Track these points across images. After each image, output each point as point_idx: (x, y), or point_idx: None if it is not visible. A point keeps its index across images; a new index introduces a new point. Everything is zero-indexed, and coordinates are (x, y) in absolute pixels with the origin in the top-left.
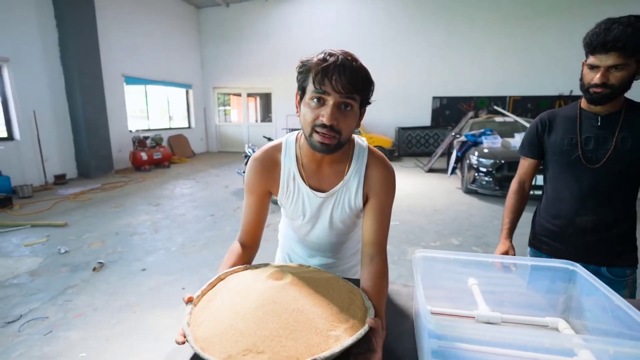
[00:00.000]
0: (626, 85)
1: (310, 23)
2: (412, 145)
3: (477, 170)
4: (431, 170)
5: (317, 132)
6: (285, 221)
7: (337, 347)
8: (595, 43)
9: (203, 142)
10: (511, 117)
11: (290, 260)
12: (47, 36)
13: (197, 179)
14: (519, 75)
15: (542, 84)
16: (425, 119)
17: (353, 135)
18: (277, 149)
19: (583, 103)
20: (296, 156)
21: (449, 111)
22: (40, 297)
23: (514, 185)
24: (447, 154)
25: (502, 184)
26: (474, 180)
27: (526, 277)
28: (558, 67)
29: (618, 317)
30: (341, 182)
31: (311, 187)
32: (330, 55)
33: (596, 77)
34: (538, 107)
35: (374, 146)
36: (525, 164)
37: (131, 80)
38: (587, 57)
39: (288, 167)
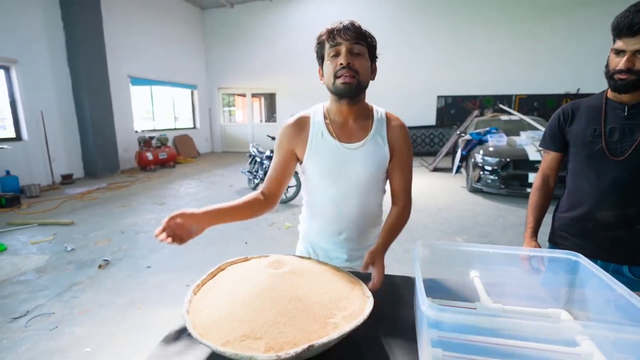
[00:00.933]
0: None
1: (315, 23)
2: (417, 144)
3: (482, 169)
4: (436, 170)
5: (339, 77)
6: (308, 203)
7: (334, 334)
8: (622, 25)
9: (208, 142)
10: (517, 116)
11: (313, 251)
12: (54, 38)
13: (202, 179)
14: (525, 73)
15: (548, 82)
16: (430, 118)
17: (373, 105)
18: (307, 114)
19: (610, 92)
20: (324, 115)
21: (454, 110)
22: (46, 293)
23: (537, 181)
24: (452, 153)
25: (507, 182)
26: (479, 179)
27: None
28: (565, 65)
29: (621, 307)
30: (368, 135)
31: (339, 140)
32: (337, 22)
33: (621, 62)
34: (544, 106)
35: None
36: (548, 158)
37: (137, 81)
38: (614, 41)
39: (317, 125)
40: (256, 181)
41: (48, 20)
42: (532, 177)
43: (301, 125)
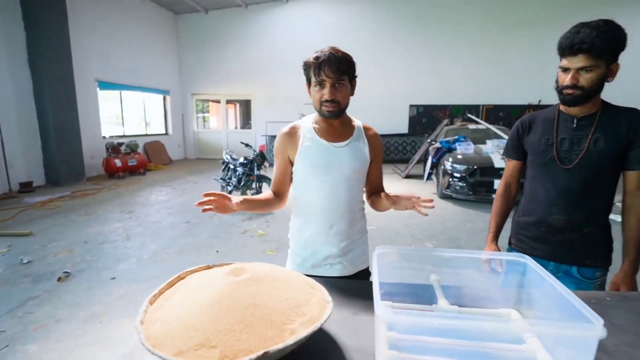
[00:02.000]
0: (597, 86)
1: (291, 31)
2: (391, 152)
3: (452, 176)
4: (408, 177)
5: (324, 105)
6: (300, 204)
7: (290, 340)
8: (564, 46)
9: (181, 149)
10: (484, 125)
11: (304, 255)
12: (13, 38)
13: (174, 186)
14: (492, 85)
15: (513, 94)
16: (402, 127)
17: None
18: (297, 124)
19: (561, 105)
20: (313, 122)
21: (425, 119)
22: None
23: (500, 188)
24: (424, 160)
25: (475, 188)
26: (449, 186)
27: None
28: (527, 78)
29: (561, 305)
30: (351, 137)
31: (326, 140)
32: (321, 53)
33: (567, 79)
34: (509, 116)
35: None
36: (510, 166)
37: (105, 85)
38: (560, 59)
39: (306, 131)
40: (229, 188)
41: (5, 19)
42: (498, 184)
43: (293, 133)
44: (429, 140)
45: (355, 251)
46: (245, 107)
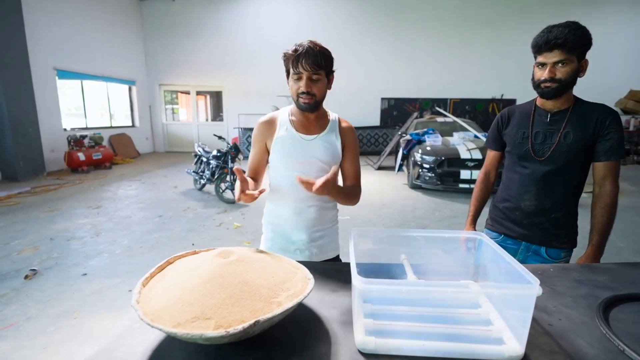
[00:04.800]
0: (572, 79)
1: (261, 22)
2: (363, 144)
3: (421, 167)
4: (380, 168)
5: (300, 97)
6: (274, 188)
7: (278, 310)
8: (540, 43)
9: (149, 142)
10: (451, 118)
11: (275, 236)
12: None
13: (143, 180)
14: (458, 79)
15: (477, 88)
16: (374, 119)
17: (328, 110)
18: (275, 115)
19: (538, 100)
20: (289, 114)
21: (396, 112)
22: None
23: (480, 175)
24: (395, 152)
25: (443, 178)
26: (419, 176)
27: (447, 248)
28: (490, 74)
29: (509, 273)
30: (323, 131)
31: (299, 133)
32: (300, 46)
33: (545, 73)
34: (474, 109)
35: None
36: (490, 156)
37: (65, 74)
38: (535, 58)
39: (282, 122)
40: (202, 181)
41: None
42: (464, 174)
43: (270, 123)
44: (399, 133)
45: (324, 239)
46: (217, 98)
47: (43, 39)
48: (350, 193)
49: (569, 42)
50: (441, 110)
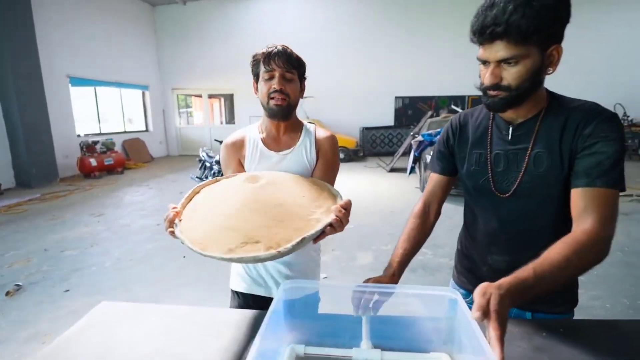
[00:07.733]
0: (530, 83)
1: (272, 23)
2: (377, 145)
3: None
4: (393, 170)
5: (272, 98)
6: None
7: (319, 226)
8: (475, 29)
9: (162, 146)
10: None
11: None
12: None
13: (151, 185)
14: (477, 75)
15: None
16: (388, 119)
17: (304, 121)
18: (242, 135)
19: None
20: (258, 131)
21: (411, 110)
22: None
23: (416, 207)
24: (409, 153)
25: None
26: None
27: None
28: None
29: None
30: (296, 145)
31: (271, 150)
32: (272, 46)
33: (486, 76)
34: None
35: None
36: (432, 180)
37: (78, 81)
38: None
39: (252, 140)
40: None
41: None
42: None
43: (239, 142)
44: (412, 134)
45: (303, 265)
46: (230, 101)
47: (55, 47)
48: None
49: (514, 29)
50: (457, 109)
